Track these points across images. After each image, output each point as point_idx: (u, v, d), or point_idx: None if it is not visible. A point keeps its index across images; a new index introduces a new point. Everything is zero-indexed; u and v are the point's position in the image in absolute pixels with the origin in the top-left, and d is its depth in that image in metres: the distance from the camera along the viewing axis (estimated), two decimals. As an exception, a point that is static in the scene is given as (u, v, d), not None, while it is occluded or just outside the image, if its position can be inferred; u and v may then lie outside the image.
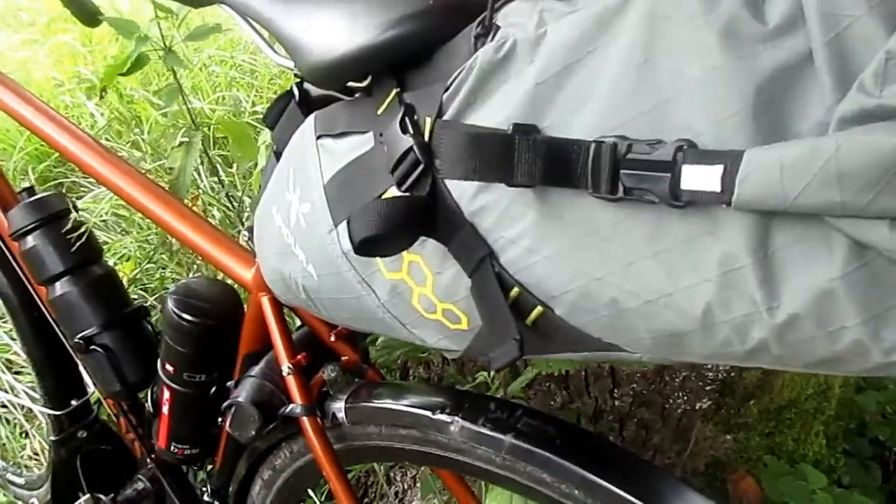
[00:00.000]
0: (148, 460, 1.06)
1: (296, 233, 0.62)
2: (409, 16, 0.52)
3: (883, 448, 1.48)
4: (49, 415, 1.23)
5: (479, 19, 0.49)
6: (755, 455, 1.17)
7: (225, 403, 0.81)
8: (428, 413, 0.73)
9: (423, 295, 0.53)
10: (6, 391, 1.48)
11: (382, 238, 0.47)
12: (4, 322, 1.59)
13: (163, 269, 1.82)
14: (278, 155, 0.69)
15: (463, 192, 0.47)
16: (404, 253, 0.52)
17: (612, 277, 0.43)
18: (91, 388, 1.22)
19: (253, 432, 0.80)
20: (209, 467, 1.03)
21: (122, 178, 0.93)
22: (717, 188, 0.36)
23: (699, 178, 0.37)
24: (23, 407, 1.47)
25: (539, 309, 0.47)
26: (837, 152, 0.33)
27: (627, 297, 0.43)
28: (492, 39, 0.47)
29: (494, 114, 0.45)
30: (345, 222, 0.52)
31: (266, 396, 0.80)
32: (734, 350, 0.41)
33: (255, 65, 2.45)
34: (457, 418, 0.71)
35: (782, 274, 0.37)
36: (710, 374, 1.02)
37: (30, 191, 1.07)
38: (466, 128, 0.46)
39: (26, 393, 1.40)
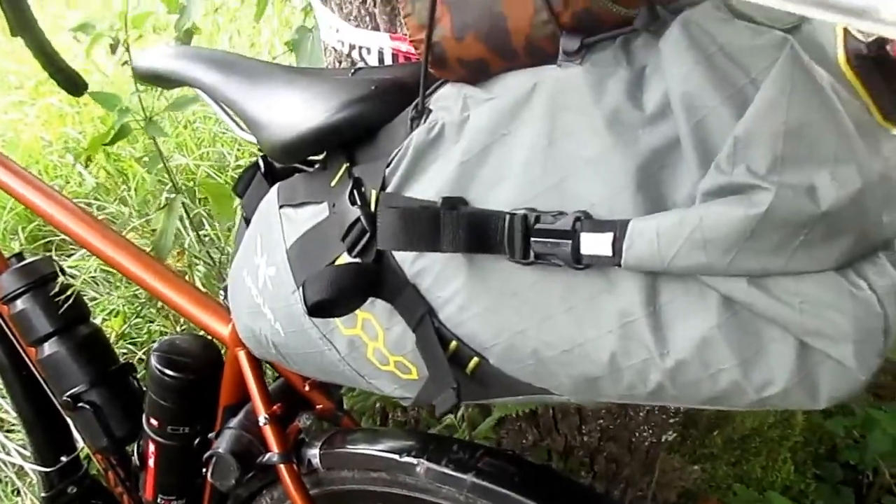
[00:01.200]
0: (136, 512, 1.10)
1: (264, 293, 0.67)
2: (356, 100, 0.59)
3: (855, 472, 1.52)
4: (39, 472, 1.26)
5: (414, 103, 0.55)
6: (724, 484, 1.21)
7: (206, 454, 0.86)
8: (395, 456, 0.77)
9: (376, 349, 0.59)
10: (-1, 451, 1.51)
11: (333, 302, 0.52)
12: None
13: (151, 322, 1.86)
14: (248, 221, 0.75)
15: (404, 256, 0.53)
16: (358, 311, 0.58)
17: (532, 331, 0.48)
18: (80, 444, 1.25)
19: (233, 481, 0.84)
20: (195, 517, 1.06)
21: (103, 241, 0.98)
22: (609, 253, 0.42)
23: (594, 244, 0.43)
24: (14, 465, 1.50)
25: (476, 360, 0.53)
26: (700, 222, 0.39)
27: (546, 348, 0.48)
28: (425, 121, 0.53)
29: (428, 188, 0.52)
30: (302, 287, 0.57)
31: (244, 446, 0.85)
32: (639, 391, 0.46)
33: (240, 119, 2.52)
34: (422, 460, 0.75)
35: (669, 324, 0.43)
36: (672, 407, 1.07)
37: (19, 256, 1.12)
38: (404, 200, 0.52)
39: (17, 451, 1.43)
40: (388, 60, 0.75)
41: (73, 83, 1.16)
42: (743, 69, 0.39)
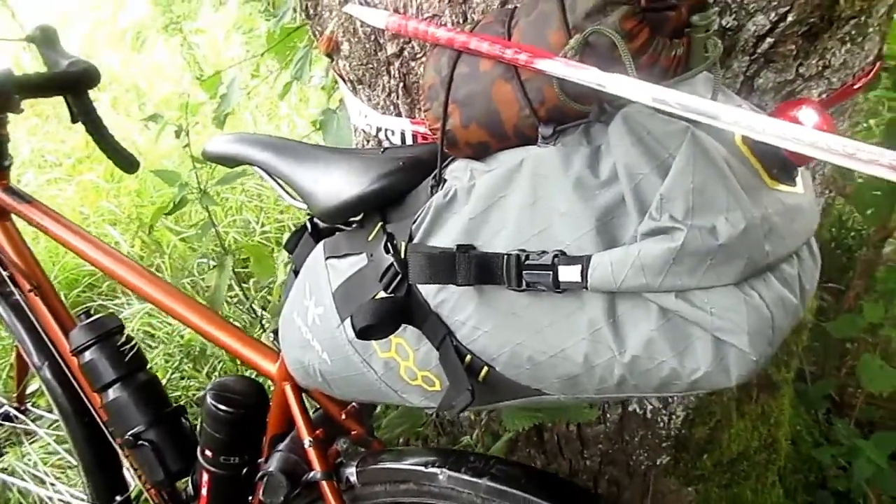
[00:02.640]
0: (185, 547, 1.23)
1: (313, 329, 0.83)
2: (388, 173, 0.76)
3: (847, 500, 1.63)
4: (95, 511, 1.40)
5: (433, 174, 0.73)
6: (718, 505, 1.33)
7: (258, 475, 1.00)
8: (422, 468, 0.92)
9: (407, 367, 0.74)
10: (50, 493, 1.65)
11: (375, 327, 0.68)
12: (51, 431, 1.77)
13: (188, 378, 2.01)
14: (296, 272, 0.91)
15: (428, 291, 0.69)
16: (392, 337, 0.73)
17: (528, 342, 0.64)
18: (132, 485, 1.39)
19: (282, 498, 0.98)
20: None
21: (165, 295, 1.15)
22: (579, 279, 0.58)
23: (568, 273, 0.59)
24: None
25: (486, 369, 0.68)
26: (639, 254, 0.55)
27: (538, 355, 0.64)
28: (441, 188, 0.70)
29: (445, 238, 0.68)
30: (349, 318, 0.73)
31: (292, 466, 0.99)
32: (609, 385, 0.62)
33: (262, 189, 2.73)
34: (444, 469, 0.90)
35: (625, 330, 0.59)
36: (663, 431, 1.20)
37: (87, 313, 1.29)
38: (427, 248, 0.69)
39: (70, 493, 1.57)
40: (408, 140, 0.93)
41: (127, 162, 1.37)
42: (664, 147, 0.56)
